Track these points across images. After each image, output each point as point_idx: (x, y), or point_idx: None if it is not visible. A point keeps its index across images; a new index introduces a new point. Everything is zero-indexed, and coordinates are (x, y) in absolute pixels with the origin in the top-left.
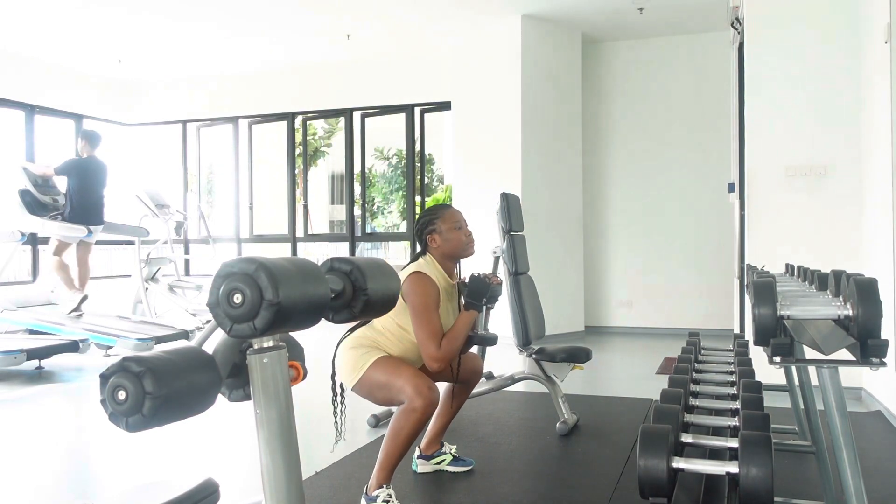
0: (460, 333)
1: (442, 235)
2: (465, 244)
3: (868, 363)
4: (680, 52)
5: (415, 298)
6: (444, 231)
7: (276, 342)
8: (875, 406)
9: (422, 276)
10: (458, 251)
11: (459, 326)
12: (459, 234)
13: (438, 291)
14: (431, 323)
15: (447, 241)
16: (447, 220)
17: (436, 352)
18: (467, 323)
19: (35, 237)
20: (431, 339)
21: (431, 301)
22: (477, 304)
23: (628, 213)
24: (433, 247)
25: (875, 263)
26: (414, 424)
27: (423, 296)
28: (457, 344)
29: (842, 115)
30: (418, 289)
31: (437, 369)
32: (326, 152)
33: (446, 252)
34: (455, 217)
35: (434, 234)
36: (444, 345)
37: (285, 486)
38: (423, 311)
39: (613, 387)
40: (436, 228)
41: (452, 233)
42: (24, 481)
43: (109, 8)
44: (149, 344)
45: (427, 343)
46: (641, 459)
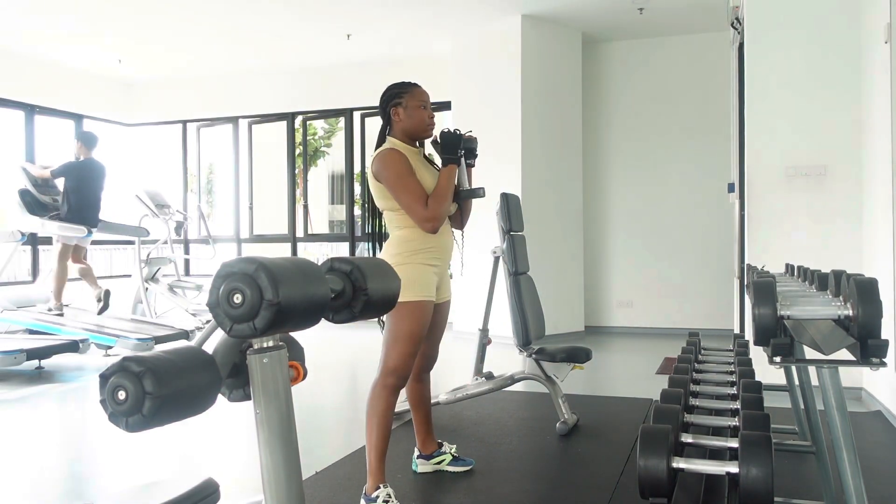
0: (444, 190)
1: (406, 111)
2: (427, 125)
3: (868, 363)
4: (680, 52)
5: (387, 171)
6: (410, 107)
7: (276, 342)
8: (875, 406)
9: (385, 151)
10: (418, 129)
11: (442, 183)
12: (423, 114)
13: (406, 159)
14: (411, 188)
15: (410, 116)
16: (414, 96)
17: (424, 211)
18: (448, 177)
19: (35, 237)
20: (416, 201)
21: (403, 167)
22: (454, 157)
23: (628, 213)
24: (395, 121)
25: (875, 263)
26: (385, 401)
27: (393, 165)
28: (444, 200)
29: (842, 115)
30: (387, 162)
31: (432, 228)
32: (326, 152)
33: (407, 128)
34: (422, 96)
35: (398, 108)
36: (432, 203)
37: (285, 486)
38: (398, 179)
39: (613, 387)
40: (402, 102)
41: (417, 110)
42: (24, 481)
43: (109, 8)
44: (149, 344)
45: (414, 207)
46: (641, 459)
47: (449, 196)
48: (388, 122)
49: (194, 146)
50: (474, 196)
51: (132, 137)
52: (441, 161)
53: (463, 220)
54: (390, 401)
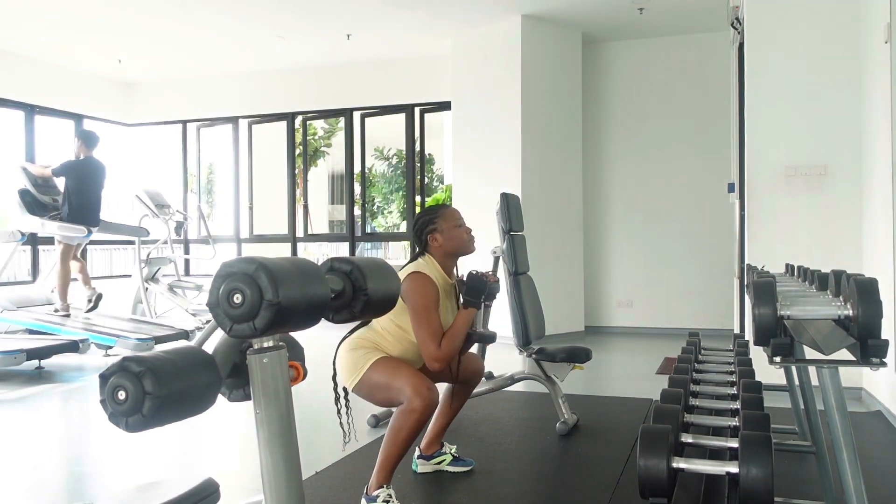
0: (459, 332)
1: (444, 234)
2: (467, 241)
3: (868, 363)
4: (680, 52)
5: (415, 298)
6: (446, 230)
7: (276, 342)
8: (875, 406)
9: (421, 276)
10: (460, 249)
11: (458, 325)
12: (461, 232)
13: (438, 291)
14: (431, 322)
15: (449, 238)
16: (448, 218)
17: (436, 351)
18: (466, 321)
19: (35, 237)
20: (431, 338)
21: (431, 301)
22: (475, 302)
23: (628, 213)
24: (434, 246)
25: (875, 263)
26: (413, 425)
27: (423, 296)
28: (456, 343)
29: (842, 115)
30: (418, 288)
31: (437, 369)
32: (326, 152)
33: (448, 250)
34: (455, 215)
35: (435, 234)
36: (444, 344)
37: (285, 486)
38: (423, 311)
39: (613, 387)
40: (437, 227)
41: (454, 230)
42: (24, 481)
43: (109, 8)
44: (149, 344)
45: (427, 343)
46: (641, 459)
47: (462, 338)
48: (425, 248)
49: (194, 146)
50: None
51: (132, 137)
52: (462, 301)
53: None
54: (419, 426)
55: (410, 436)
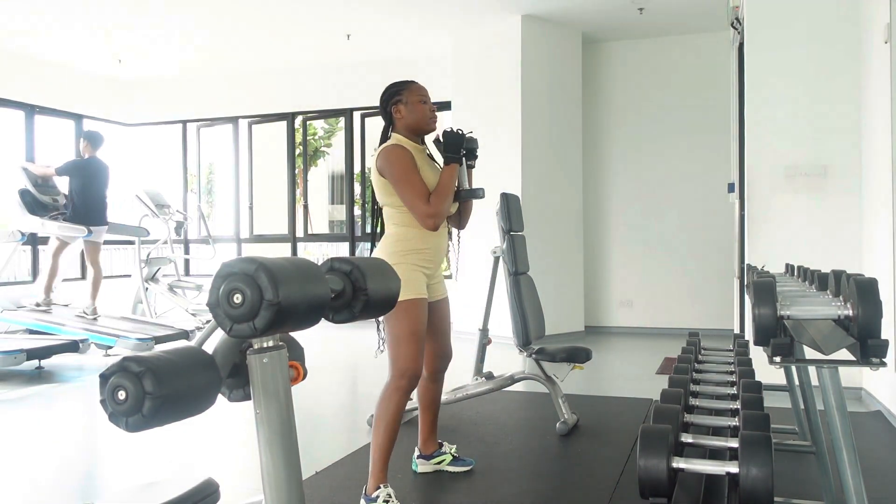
0: (446, 187)
1: (407, 107)
2: (430, 118)
3: (868, 363)
4: (680, 52)
5: (392, 167)
6: (410, 103)
7: (276, 342)
8: (875, 406)
9: (390, 146)
10: (421, 123)
11: (443, 180)
12: (424, 108)
13: (412, 156)
14: (414, 184)
15: (412, 112)
16: (413, 92)
17: (427, 207)
18: (450, 175)
19: (35, 237)
20: (419, 197)
21: (407, 164)
22: (455, 157)
23: (628, 213)
24: (397, 118)
25: (875, 263)
26: (396, 405)
27: (399, 160)
28: (445, 198)
29: (842, 115)
30: (392, 158)
31: (433, 225)
32: (326, 152)
33: (410, 123)
34: (421, 92)
35: (399, 105)
36: (433, 200)
37: (285, 486)
38: (402, 175)
39: (613, 387)
40: (402, 99)
41: (417, 105)
42: (25, 481)
43: (109, 8)
44: (149, 344)
45: (416, 203)
46: (641, 459)
47: (450, 194)
48: (390, 120)
49: (194, 146)
50: (474, 196)
51: (132, 137)
52: (443, 160)
53: (462, 220)
54: (401, 403)
55: (395, 417)
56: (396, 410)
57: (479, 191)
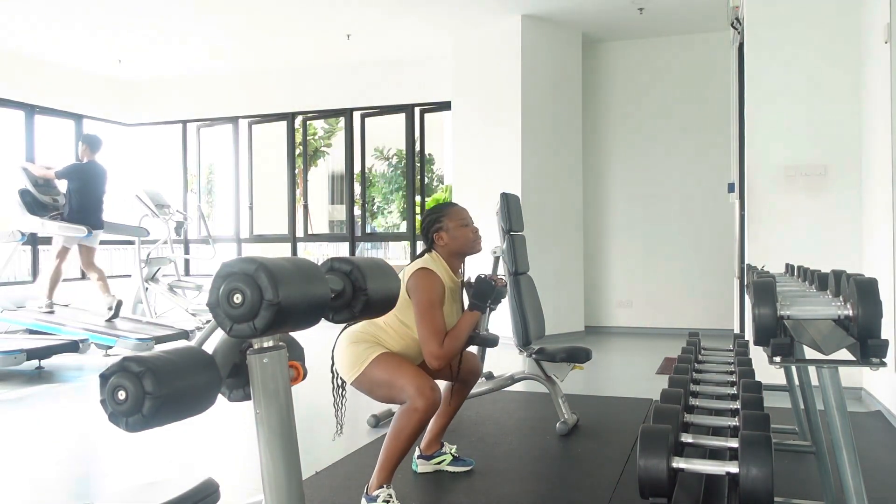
0: (463, 333)
1: (449, 233)
2: (473, 241)
3: (868, 363)
4: (680, 52)
5: (421, 295)
6: (452, 228)
7: (276, 342)
8: (875, 406)
9: (429, 273)
10: (465, 248)
11: (462, 326)
12: (467, 232)
13: (444, 289)
14: (435, 320)
15: (455, 238)
16: (454, 217)
17: (438, 349)
18: (470, 323)
19: (35, 237)
20: (434, 336)
21: (437, 298)
22: (481, 305)
23: (628, 213)
24: (440, 244)
25: (875, 263)
26: (416, 425)
27: (429, 292)
28: (459, 343)
29: (842, 116)
30: (425, 285)
31: (437, 367)
32: (326, 152)
33: (454, 250)
34: (462, 214)
35: (441, 232)
36: (447, 343)
37: (285, 486)
38: (428, 308)
39: (613, 387)
40: (443, 226)
41: (460, 230)
42: (25, 481)
43: (109, 8)
44: (149, 344)
45: (430, 340)
46: (641, 459)
47: (465, 339)
48: (432, 246)
49: (194, 146)
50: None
51: (132, 137)
52: (468, 304)
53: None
54: (421, 426)
55: (412, 435)
56: (415, 430)
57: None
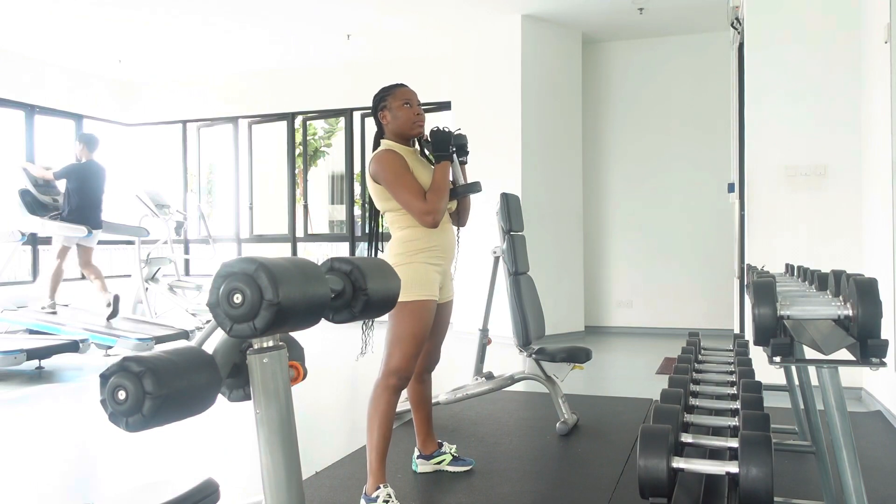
0: (440, 184)
1: (392, 112)
2: (413, 122)
3: (868, 363)
4: (680, 53)
5: (384, 172)
6: (394, 108)
7: (276, 342)
8: (875, 406)
9: (381, 152)
10: (405, 128)
11: (437, 178)
12: (408, 111)
13: (402, 158)
14: (409, 184)
15: (396, 117)
16: (398, 97)
17: (423, 205)
18: (443, 173)
19: (35, 237)
20: (415, 197)
21: (399, 166)
22: (445, 154)
23: (628, 213)
24: (384, 124)
25: (875, 263)
26: (386, 402)
27: (389, 164)
28: (441, 194)
29: (842, 115)
30: (383, 162)
31: (432, 222)
32: (326, 152)
33: (394, 129)
34: (405, 94)
35: (385, 111)
36: (430, 197)
37: (285, 486)
38: (395, 178)
39: (613, 387)
40: (387, 105)
41: (401, 110)
42: (25, 481)
43: (109, 8)
44: (149, 344)
45: (412, 202)
46: (641, 459)
47: (445, 190)
48: (380, 127)
49: (194, 146)
50: (471, 191)
51: (132, 137)
52: (434, 159)
53: (462, 217)
54: (392, 401)
55: (386, 415)
56: (388, 409)
57: (476, 185)
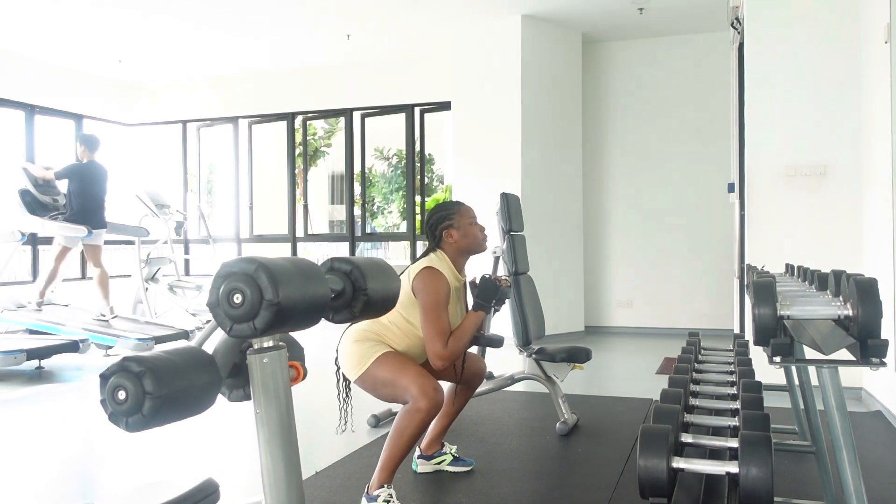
0: (467, 333)
1: (460, 230)
2: (482, 239)
3: (868, 363)
4: (680, 52)
5: (427, 295)
6: (462, 226)
7: (276, 342)
8: (875, 406)
9: (435, 272)
10: (474, 246)
11: (467, 326)
12: (475, 230)
13: (449, 289)
14: (440, 320)
15: (465, 235)
16: (464, 215)
17: (442, 349)
18: (475, 323)
19: (35, 237)
20: (439, 336)
21: (442, 298)
22: (486, 306)
23: (628, 213)
24: (449, 242)
25: (875, 263)
26: (418, 425)
27: (435, 292)
28: (463, 343)
29: (842, 115)
30: (431, 285)
31: (441, 367)
32: (326, 152)
33: (462, 247)
34: (471, 213)
35: (451, 230)
36: (451, 343)
37: (285, 486)
38: (434, 308)
39: (613, 387)
40: (453, 223)
41: (469, 228)
42: (25, 481)
43: (109, 8)
44: (149, 344)
45: (434, 340)
46: (641, 459)
47: (469, 339)
48: (438, 243)
49: (194, 146)
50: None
51: (132, 137)
52: (472, 303)
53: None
54: (423, 426)
55: (415, 435)
56: (417, 430)
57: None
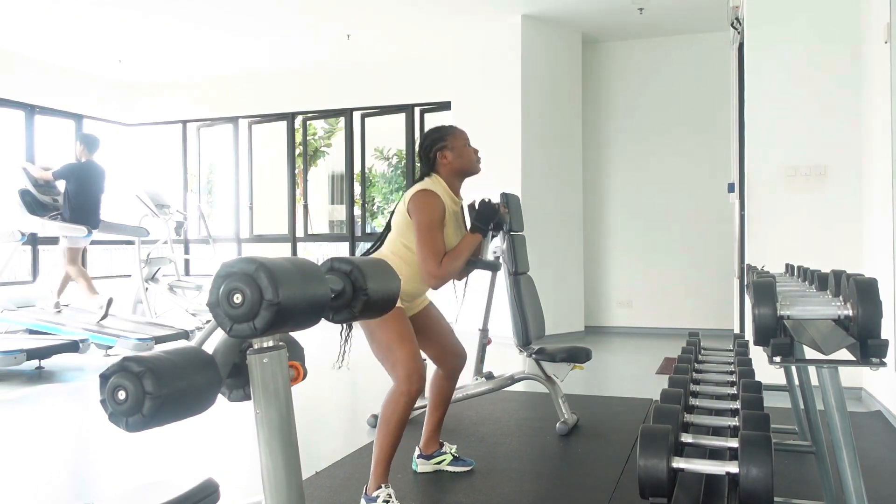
0: (462, 253)
1: (454, 151)
2: (475, 160)
3: (868, 363)
4: (680, 52)
5: (420, 215)
6: (457, 147)
7: (276, 342)
8: (875, 406)
9: (430, 194)
10: (468, 166)
11: (463, 246)
12: (470, 151)
13: (444, 209)
14: (434, 240)
15: (459, 156)
16: (458, 136)
17: (436, 268)
18: (471, 244)
19: (35, 237)
20: (433, 255)
21: (436, 218)
22: (483, 228)
23: (628, 213)
24: (443, 163)
25: (875, 263)
26: (403, 409)
27: (430, 213)
28: (458, 263)
29: (842, 116)
30: (426, 205)
31: (434, 286)
32: (326, 152)
33: (457, 168)
34: (464, 135)
35: (445, 151)
36: (446, 262)
37: (285, 486)
38: (427, 228)
39: (613, 387)
40: (447, 145)
41: (464, 149)
42: (24, 481)
43: (109, 8)
44: (149, 344)
45: (428, 259)
46: (641, 459)
47: (464, 260)
48: (433, 166)
49: (194, 146)
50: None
51: (132, 137)
52: (470, 226)
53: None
54: (408, 408)
55: (402, 421)
56: (403, 417)
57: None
